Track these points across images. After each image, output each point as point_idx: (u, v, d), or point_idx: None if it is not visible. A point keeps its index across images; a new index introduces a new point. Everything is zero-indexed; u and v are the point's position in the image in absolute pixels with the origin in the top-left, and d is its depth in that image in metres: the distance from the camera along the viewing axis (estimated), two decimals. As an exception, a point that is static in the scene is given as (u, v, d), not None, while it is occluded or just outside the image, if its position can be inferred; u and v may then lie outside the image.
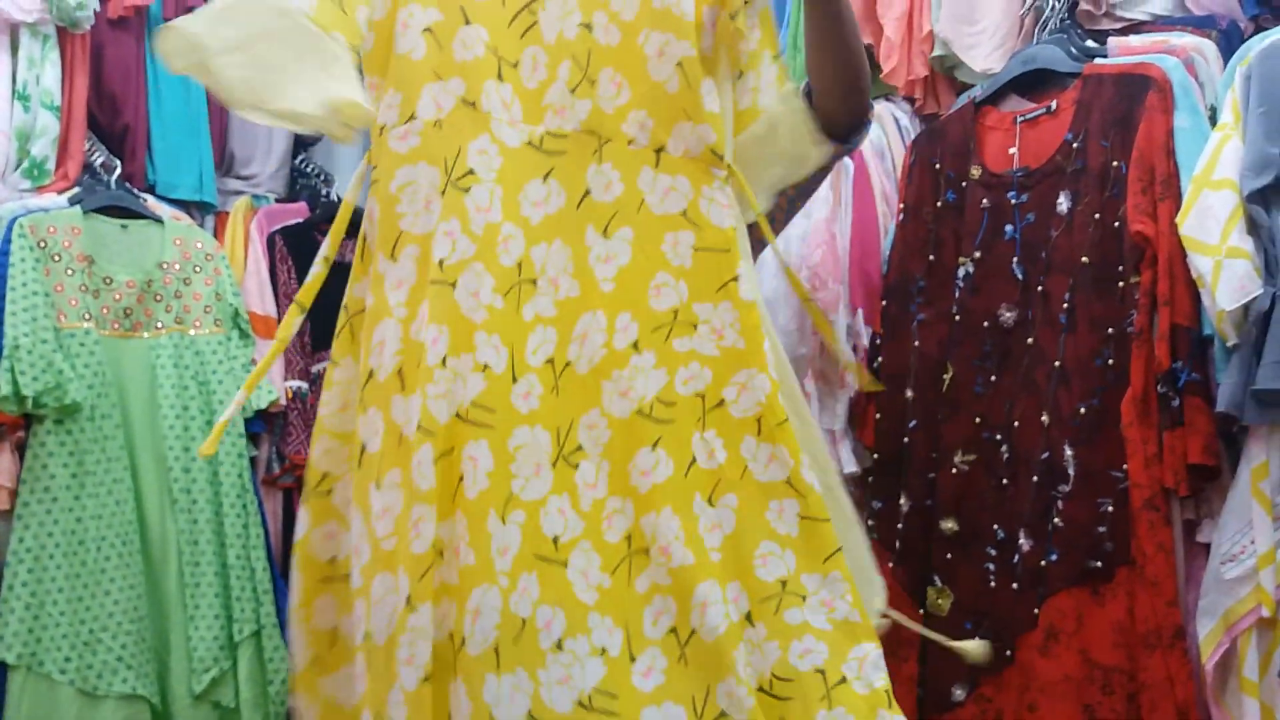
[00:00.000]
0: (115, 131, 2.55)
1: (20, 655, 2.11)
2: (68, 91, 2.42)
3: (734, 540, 1.24)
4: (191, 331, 2.43)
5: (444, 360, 1.24)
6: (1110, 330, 1.68)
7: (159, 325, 2.39)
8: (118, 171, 2.45)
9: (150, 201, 2.48)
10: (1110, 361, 1.67)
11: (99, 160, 2.46)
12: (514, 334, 1.26)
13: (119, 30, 2.51)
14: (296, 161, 2.91)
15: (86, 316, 2.27)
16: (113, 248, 2.36)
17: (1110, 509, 1.65)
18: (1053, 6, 1.88)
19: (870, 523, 1.95)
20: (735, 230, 1.31)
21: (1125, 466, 1.64)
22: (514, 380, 1.25)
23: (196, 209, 2.67)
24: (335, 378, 1.34)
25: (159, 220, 2.44)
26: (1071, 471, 1.69)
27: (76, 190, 2.38)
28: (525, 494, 1.22)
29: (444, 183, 1.28)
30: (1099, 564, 1.65)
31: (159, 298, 2.39)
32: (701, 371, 1.29)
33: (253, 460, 2.50)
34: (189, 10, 2.60)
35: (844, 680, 1.22)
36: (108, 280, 2.33)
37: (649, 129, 1.29)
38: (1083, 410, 1.69)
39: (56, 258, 2.25)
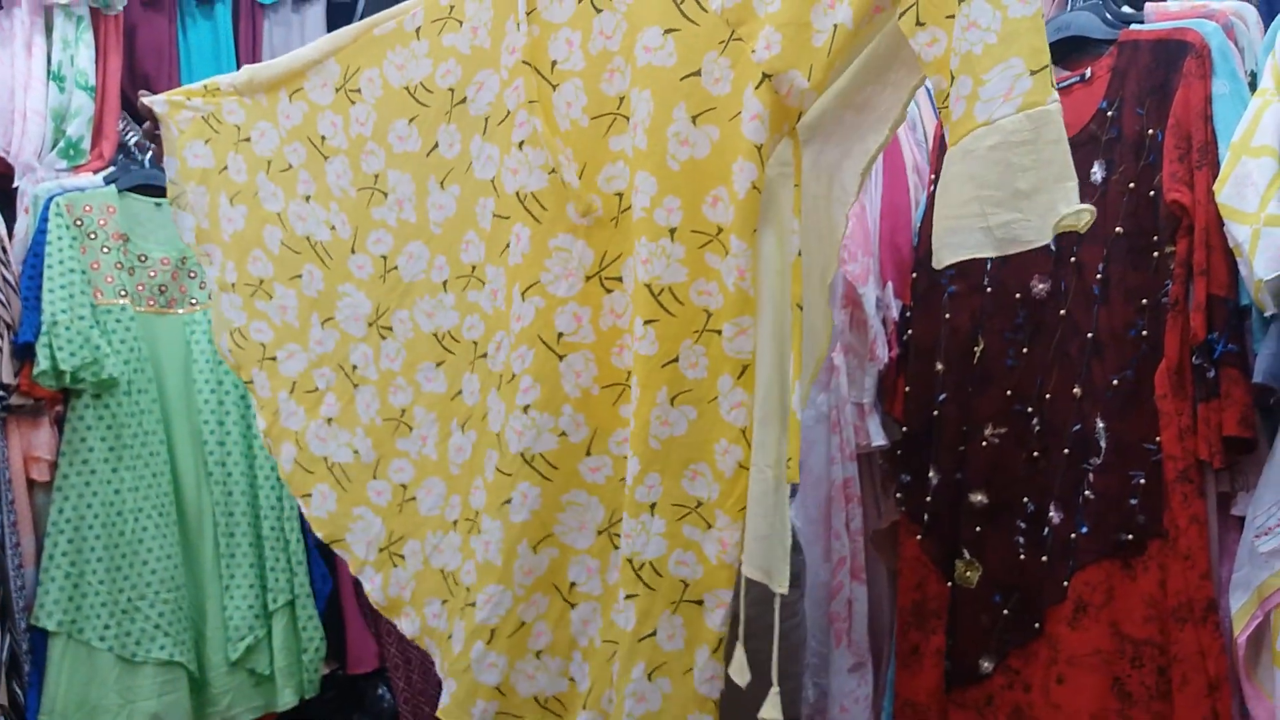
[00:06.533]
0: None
1: (60, 623, 2.16)
2: (101, 72, 2.43)
3: (680, 443, 1.32)
4: (225, 307, 2.45)
5: (520, 143, 1.38)
6: (1145, 301, 1.64)
7: (193, 301, 2.41)
8: (151, 151, 2.47)
9: (183, 179, 2.50)
10: (1145, 333, 1.64)
11: (133, 140, 2.48)
12: (590, 155, 1.36)
13: (151, 11, 2.54)
14: (328, 138, 2.92)
15: (122, 293, 2.30)
16: (147, 225, 2.39)
17: (1142, 481, 1.62)
18: (1087, -28, 1.83)
19: (899, 495, 1.94)
20: (772, 186, 1.28)
21: (1158, 439, 1.60)
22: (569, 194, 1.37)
23: (229, 186, 2.69)
24: None
25: (192, 197, 2.46)
26: (1103, 444, 1.66)
27: (111, 169, 2.40)
28: (552, 289, 1.37)
29: None
30: (1130, 536, 1.62)
31: (193, 274, 2.41)
32: (715, 295, 1.30)
33: (286, 434, 2.54)
34: (220, -9, 2.62)
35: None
36: (143, 258, 2.36)
37: (772, 52, 1.23)
38: (1116, 382, 1.65)
39: (92, 236, 2.28)
